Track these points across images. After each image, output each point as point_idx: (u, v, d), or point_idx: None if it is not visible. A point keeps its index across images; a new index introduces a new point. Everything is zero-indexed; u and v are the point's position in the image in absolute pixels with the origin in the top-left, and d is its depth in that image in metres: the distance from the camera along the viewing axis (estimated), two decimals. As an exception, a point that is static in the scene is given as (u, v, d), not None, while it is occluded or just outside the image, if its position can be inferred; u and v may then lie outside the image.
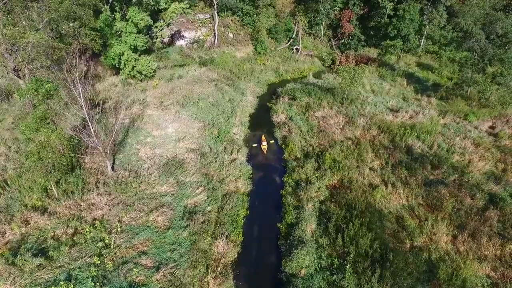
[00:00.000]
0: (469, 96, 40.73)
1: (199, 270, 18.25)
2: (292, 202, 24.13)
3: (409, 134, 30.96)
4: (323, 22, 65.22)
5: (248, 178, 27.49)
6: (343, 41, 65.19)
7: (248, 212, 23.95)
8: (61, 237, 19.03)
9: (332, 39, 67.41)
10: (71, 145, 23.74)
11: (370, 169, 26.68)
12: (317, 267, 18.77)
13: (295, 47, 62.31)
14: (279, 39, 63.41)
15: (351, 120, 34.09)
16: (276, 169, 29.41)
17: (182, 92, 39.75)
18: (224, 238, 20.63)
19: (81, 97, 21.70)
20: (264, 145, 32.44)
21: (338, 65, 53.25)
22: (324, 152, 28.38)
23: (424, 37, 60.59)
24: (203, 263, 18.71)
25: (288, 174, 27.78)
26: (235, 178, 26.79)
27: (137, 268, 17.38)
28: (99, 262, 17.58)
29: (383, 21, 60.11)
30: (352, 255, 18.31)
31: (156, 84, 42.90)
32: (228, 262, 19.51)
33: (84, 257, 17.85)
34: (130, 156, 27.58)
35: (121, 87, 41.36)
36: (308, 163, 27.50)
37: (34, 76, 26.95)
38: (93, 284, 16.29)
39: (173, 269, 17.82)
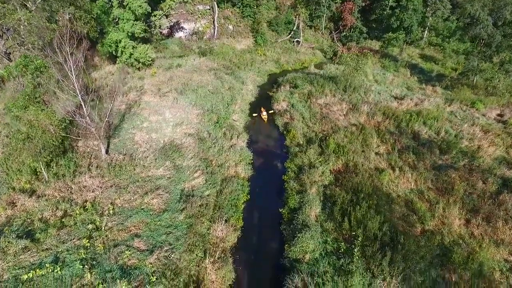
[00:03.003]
0: (475, 85, 39.66)
1: (196, 254, 17.07)
2: (295, 187, 22.96)
3: (415, 120, 29.82)
4: (324, 15, 64.13)
5: (249, 163, 26.29)
6: (344, 33, 64.09)
7: (248, 197, 22.76)
8: (49, 219, 17.81)
9: (333, 32, 66.34)
10: (62, 126, 22.51)
11: (376, 154, 25.53)
12: (322, 252, 17.59)
13: (296, 39, 61.15)
14: (279, 31, 62.33)
15: (355, 106, 32.94)
16: (277, 155, 28.22)
17: (180, 81, 38.58)
18: (223, 222, 19.43)
19: (73, 73, 20.48)
20: (264, 115, 34.09)
21: (341, 54, 52.03)
22: (327, 137, 27.20)
23: (427, 28, 59.54)
24: (201, 247, 17.52)
25: (290, 160, 26.61)
26: (235, 163, 25.60)
27: (129, 250, 16.18)
28: (88, 244, 16.36)
29: (385, 12, 59.06)
30: (360, 238, 17.13)
31: (154, 73, 41.73)
32: (227, 247, 18.32)
33: (73, 239, 16.64)
34: (126, 140, 26.37)
35: (118, 75, 40.15)
36: (311, 148, 26.32)
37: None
38: (81, 266, 15.07)
39: (168, 253, 16.61)
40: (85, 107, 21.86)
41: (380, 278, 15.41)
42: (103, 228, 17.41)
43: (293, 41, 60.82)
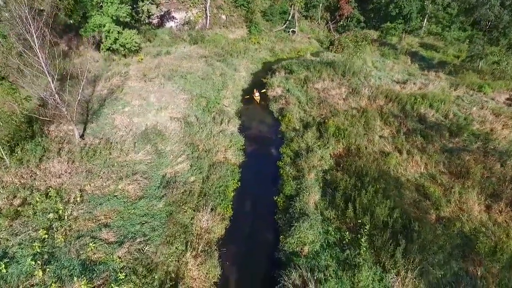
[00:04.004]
0: (480, 70, 37.52)
1: (176, 247, 14.51)
2: (291, 172, 20.49)
3: (421, 102, 27.53)
4: (320, 4, 61.91)
5: (240, 149, 23.76)
6: (341, 23, 61.89)
7: (239, 184, 20.22)
8: (2, 209, 15.11)
9: (329, 22, 64.20)
10: (26, 106, 19.83)
11: (380, 137, 23.13)
12: (323, 243, 15.13)
13: (291, 29, 58.79)
14: (274, 21, 59.94)
15: (355, 90, 30.56)
16: (272, 141, 25.73)
17: (168, 67, 36.01)
18: (209, 210, 16.86)
19: (35, 42, 17.80)
20: (257, 96, 32.66)
21: (339, 38, 49.58)
22: (326, 121, 24.77)
23: (426, 17, 57.50)
24: (182, 239, 14.96)
25: (285, 145, 24.12)
26: (225, 148, 23.06)
27: (95, 243, 13.57)
28: (46, 236, 13.74)
29: (383, 1, 56.97)
30: (367, 226, 14.68)
31: (141, 59, 39.10)
32: (213, 239, 15.76)
33: (28, 231, 13.97)
34: (104, 125, 23.71)
35: (103, 62, 37.51)
36: (308, 132, 23.87)
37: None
38: (33, 262, 12.43)
39: (142, 245, 14.04)
40: (53, 83, 19.23)
41: (393, 272, 12.98)
42: (66, 217, 14.77)
43: (288, 31, 58.44)
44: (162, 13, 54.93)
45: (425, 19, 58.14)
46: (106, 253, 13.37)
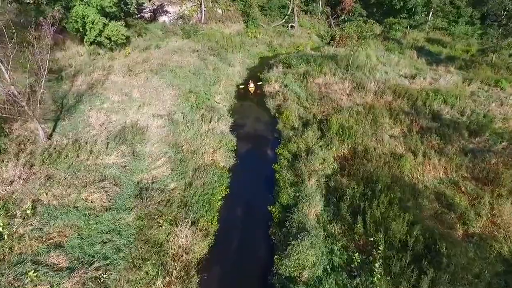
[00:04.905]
0: (493, 64, 34.71)
1: (146, 272, 11.67)
2: (289, 177, 17.65)
3: (434, 98, 24.71)
4: (321, -2, 59.23)
5: (231, 150, 20.93)
6: (343, 17, 59.15)
7: (227, 191, 17.37)
8: None
9: (330, 17, 61.48)
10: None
11: (390, 136, 20.30)
12: (327, 267, 12.30)
13: (290, 24, 55.99)
14: (273, 16, 57.22)
15: (360, 85, 27.70)
16: (267, 141, 22.87)
17: (157, 61, 33.14)
18: (190, 225, 14.01)
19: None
20: (252, 87, 31.38)
21: (339, 40, 46.98)
22: (328, 118, 21.94)
23: (431, 11, 54.72)
24: (154, 261, 12.12)
25: (282, 145, 21.28)
26: (213, 149, 20.22)
27: (37, 271, 10.71)
28: (-23, 262, 10.90)
29: (387, -6, 54.26)
30: (381, 247, 11.86)
31: (128, 53, 36.21)
32: (192, 260, 12.90)
33: (-46, 255, 11.12)
34: (78, 123, 20.79)
35: (87, 56, 34.68)
36: (308, 130, 21.04)
37: None
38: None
39: (100, 272, 11.19)
40: (7, 73, 16.37)
41: (417, 308, 10.18)
42: (6, 236, 11.90)
43: (287, 26, 55.65)
44: (155, 7, 52.33)
45: (431, 13, 55.41)
46: (52, 283, 10.51)
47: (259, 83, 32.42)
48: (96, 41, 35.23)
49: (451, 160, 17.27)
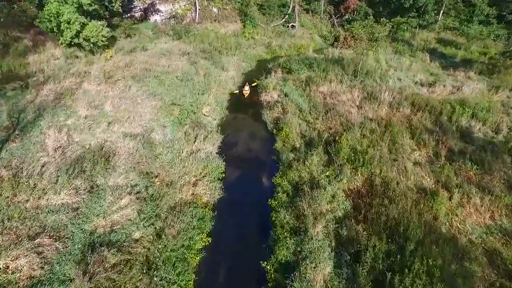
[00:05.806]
0: (519, 69, 30.87)
1: None
2: (288, 220, 13.80)
3: (461, 112, 20.85)
4: (323, -4, 55.37)
5: (217, 178, 17.09)
6: (347, 16, 55.34)
7: (209, 240, 13.53)
8: None
9: (333, 16, 57.66)
10: None
11: (415, 163, 16.43)
12: None
13: (290, 24, 52.20)
14: (272, 15, 53.43)
15: (371, 95, 23.85)
16: (262, 165, 18.98)
17: (142, 66, 29.43)
18: (153, 300, 10.21)
19: None
20: (246, 90, 29.30)
21: (344, 41, 43.22)
22: (337, 138, 18.10)
23: (442, 10, 50.82)
24: None
25: (281, 172, 17.43)
26: (196, 179, 16.39)
27: None
28: None
29: (395, -8, 50.38)
30: None
31: (110, 56, 32.50)
32: None
33: None
34: (30, 145, 17.06)
35: (63, 60, 30.99)
36: (312, 154, 17.21)
37: None
38: None
39: None
40: None
41: None
42: None
43: (288, 26, 51.86)
44: (146, 5, 48.67)
45: (441, 12, 51.51)
46: None
47: (253, 84, 30.32)
48: (73, 43, 31.49)
49: (499, 199, 13.39)
